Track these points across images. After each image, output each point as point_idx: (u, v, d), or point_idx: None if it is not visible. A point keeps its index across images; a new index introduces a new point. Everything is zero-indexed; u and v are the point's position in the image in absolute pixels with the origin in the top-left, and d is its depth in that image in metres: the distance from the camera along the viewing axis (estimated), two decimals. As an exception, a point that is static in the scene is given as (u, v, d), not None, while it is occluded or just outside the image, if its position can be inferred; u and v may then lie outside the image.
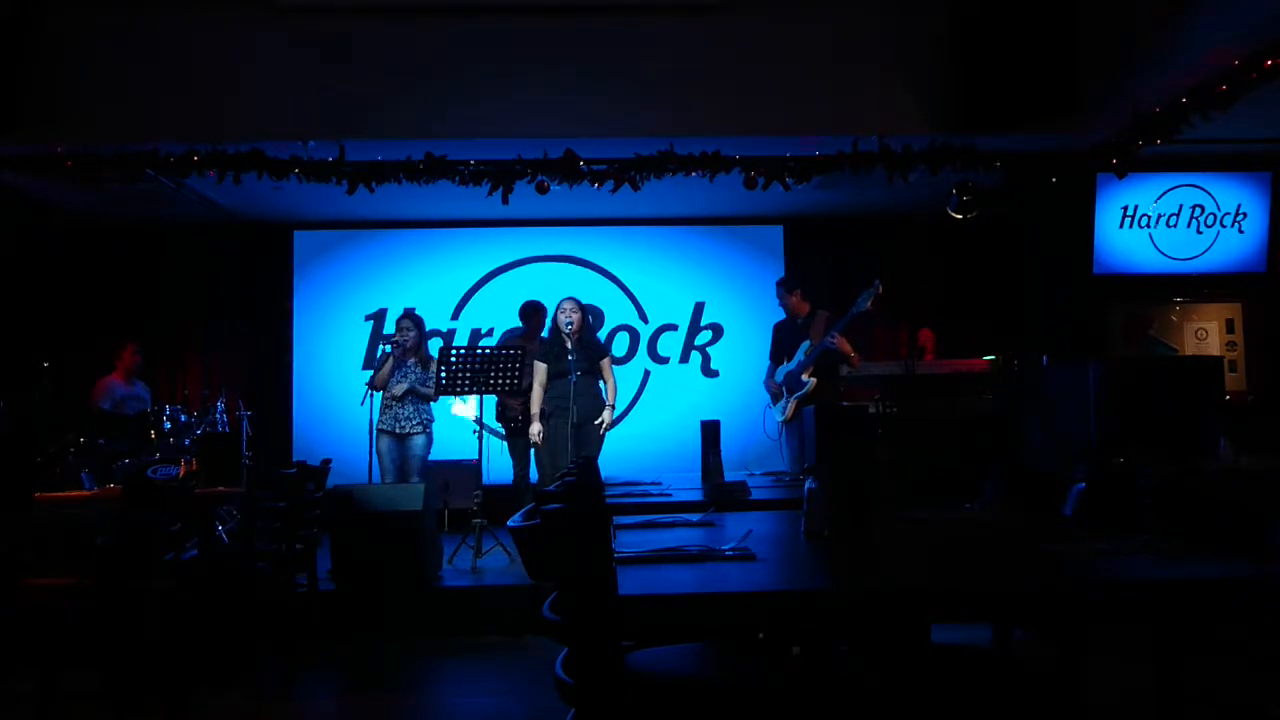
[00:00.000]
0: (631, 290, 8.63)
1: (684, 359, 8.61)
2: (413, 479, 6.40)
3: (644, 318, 8.62)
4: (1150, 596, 1.77)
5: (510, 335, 7.31)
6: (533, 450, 6.51)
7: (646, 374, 8.58)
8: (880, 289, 5.98)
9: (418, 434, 6.52)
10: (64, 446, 5.89)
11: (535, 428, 6.10)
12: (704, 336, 8.60)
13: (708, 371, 8.57)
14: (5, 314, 7.12)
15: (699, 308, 8.61)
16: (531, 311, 7.12)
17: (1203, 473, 4.45)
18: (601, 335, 8.28)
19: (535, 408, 6.15)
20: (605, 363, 6.23)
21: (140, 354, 7.26)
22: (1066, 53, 5.84)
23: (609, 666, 1.73)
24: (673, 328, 8.61)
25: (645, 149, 6.13)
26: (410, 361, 6.48)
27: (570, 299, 6.19)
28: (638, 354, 8.60)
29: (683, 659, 2.18)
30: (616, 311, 8.61)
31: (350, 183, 6.16)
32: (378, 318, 8.51)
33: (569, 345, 6.00)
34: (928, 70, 6.11)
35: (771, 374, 6.58)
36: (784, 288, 6.58)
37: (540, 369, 6.16)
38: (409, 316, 6.66)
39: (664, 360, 8.60)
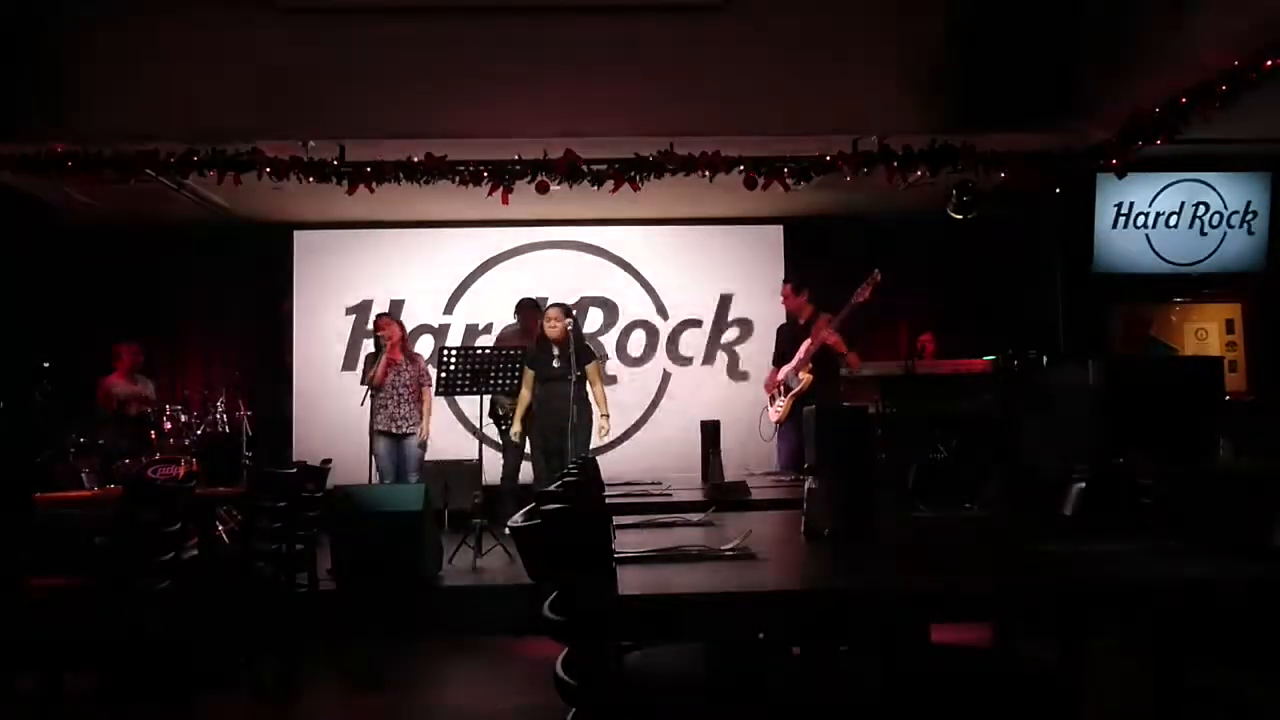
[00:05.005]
0: (631, 291, 8.63)
1: (681, 358, 8.62)
2: (410, 478, 6.42)
3: (663, 314, 8.62)
4: (1150, 596, 1.77)
5: (507, 331, 7.33)
6: (526, 453, 6.60)
7: (666, 374, 8.59)
8: (877, 276, 5.99)
9: (414, 433, 6.54)
10: (64, 446, 5.89)
11: (516, 428, 6.40)
12: (695, 335, 8.60)
13: (707, 370, 8.57)
14: (5, 314, 7.11)
15: (699, 307, 8.61)
16: (527, 307, 7.13)
17: (1203, 473, 4.44)
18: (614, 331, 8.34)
19: (520, 409, 6.38)
20: (592, 368, 6.33)
21: (142, 354, 7.27)
22: (1066, 53, 5.84)
23: (609, 666, 1.73)
24: (668, 328, 8.62)
25: (645, 149, 6.13)
26: (398, 359, 6.53)
27: (556, 306, 6.39)
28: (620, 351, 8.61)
29: (683, 659, 2.18)
30: (614, 312, 8.61)
31: (350, 183, 6.16)
32: (360, 310, 8.48)
33: (554, 351, 6.14)
34: (927, 70, 6.10)
35: (772, 375, 6.58)
36: (790, 288, 6.58)
37: (527, 374, 6.31)
38: (385, 315, 6.75)
39: (677, 359, 8.61)
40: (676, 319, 8.62)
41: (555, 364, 6.16)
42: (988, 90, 5.85)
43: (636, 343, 8.62)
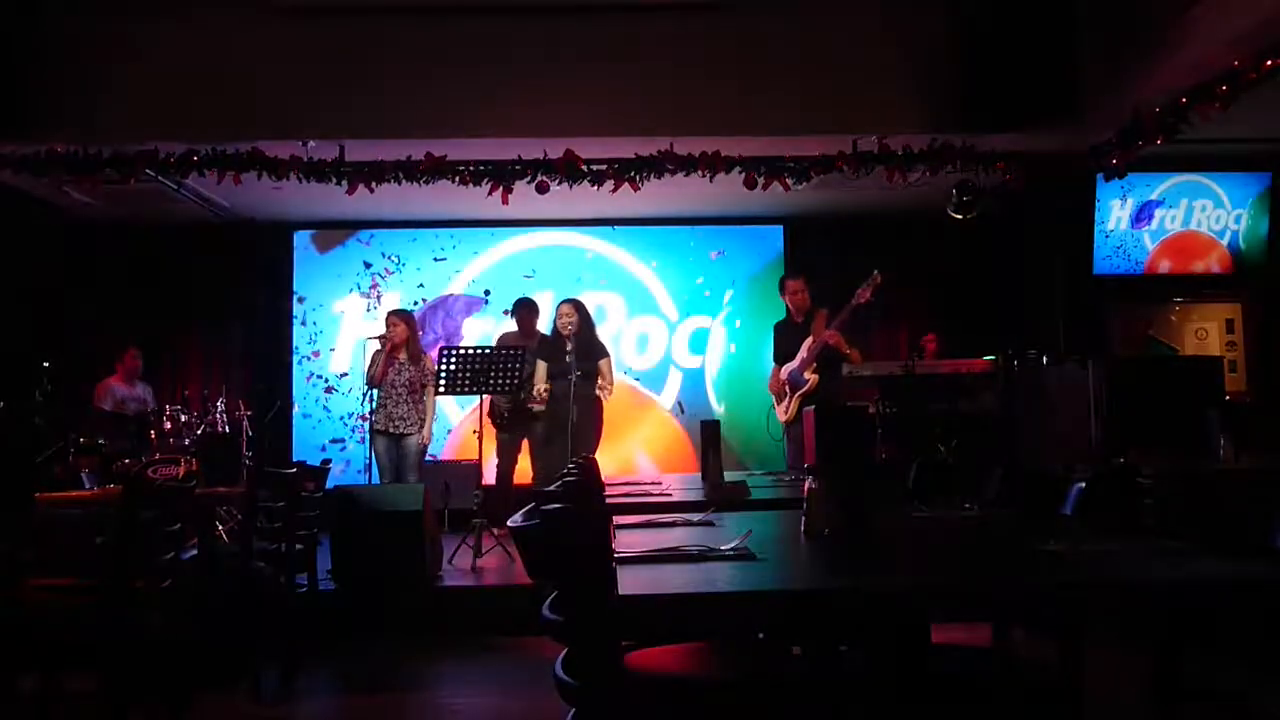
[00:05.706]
0: (632, 291, 8.63)
1: (681, 358, 8.62)
2: (410, 478, 6.42)
3: (663, 314, 8.62)
4: (1150, 596, 1.77)
5: (508, 333, 7.34)
6: (532, 451, 6.59)
7: (667, 374, 8.58)
8: (879, 278, 6.02)
9: (413, 434, 6.53)
10: (64, 446, 5.89)
11: (541, 386, 6.39)
12: (700, 336, 8.60)
13: (708, 370, 8.57)
14: (5, 314, 7.11)
15: (697, 306, 8.61)
16: (522, 307, 7.12)
17: (1203, 473, 4.44)
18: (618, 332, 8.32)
19: (542, 391, 6.42)
20: (604, 364, 6.39)
21: (140, 358, 7.27)
22: (1066, 52, 5.84)
23: (609, 666, 1.73)
24: (669, 328, 8.62)
25: (645, 149, 6.13)
26: (401, 358, 6.51)
27: (568, 302, 6.40)
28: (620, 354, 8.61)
29: (683, 659, 2.18)
30: (616, 311, 8.61)
31: (350, 183, 6.16)
32: (360, 310, 8.46)
33: (568, 346, 6.15)
34: (928, 70, 6.10)
35: (775, 375, 6.58)
36: (792, 280, 6.58)
37: (541, 367, 6.36)
38: (396, 313, 6.72)
39: (666, 360, 8.61)
40: (676, 319, 8.62)
41: (567, 359, 6.18)
42: (988, 90, 5.86)
43: (637, 342, 8.62)
